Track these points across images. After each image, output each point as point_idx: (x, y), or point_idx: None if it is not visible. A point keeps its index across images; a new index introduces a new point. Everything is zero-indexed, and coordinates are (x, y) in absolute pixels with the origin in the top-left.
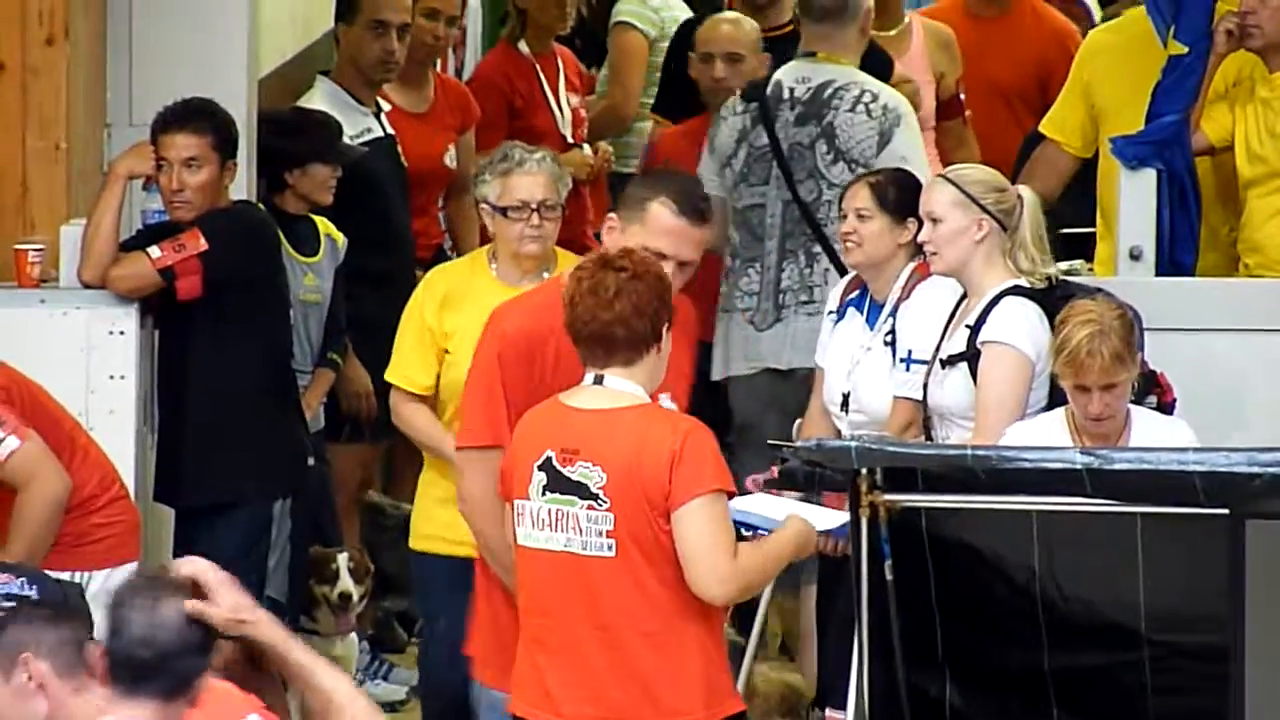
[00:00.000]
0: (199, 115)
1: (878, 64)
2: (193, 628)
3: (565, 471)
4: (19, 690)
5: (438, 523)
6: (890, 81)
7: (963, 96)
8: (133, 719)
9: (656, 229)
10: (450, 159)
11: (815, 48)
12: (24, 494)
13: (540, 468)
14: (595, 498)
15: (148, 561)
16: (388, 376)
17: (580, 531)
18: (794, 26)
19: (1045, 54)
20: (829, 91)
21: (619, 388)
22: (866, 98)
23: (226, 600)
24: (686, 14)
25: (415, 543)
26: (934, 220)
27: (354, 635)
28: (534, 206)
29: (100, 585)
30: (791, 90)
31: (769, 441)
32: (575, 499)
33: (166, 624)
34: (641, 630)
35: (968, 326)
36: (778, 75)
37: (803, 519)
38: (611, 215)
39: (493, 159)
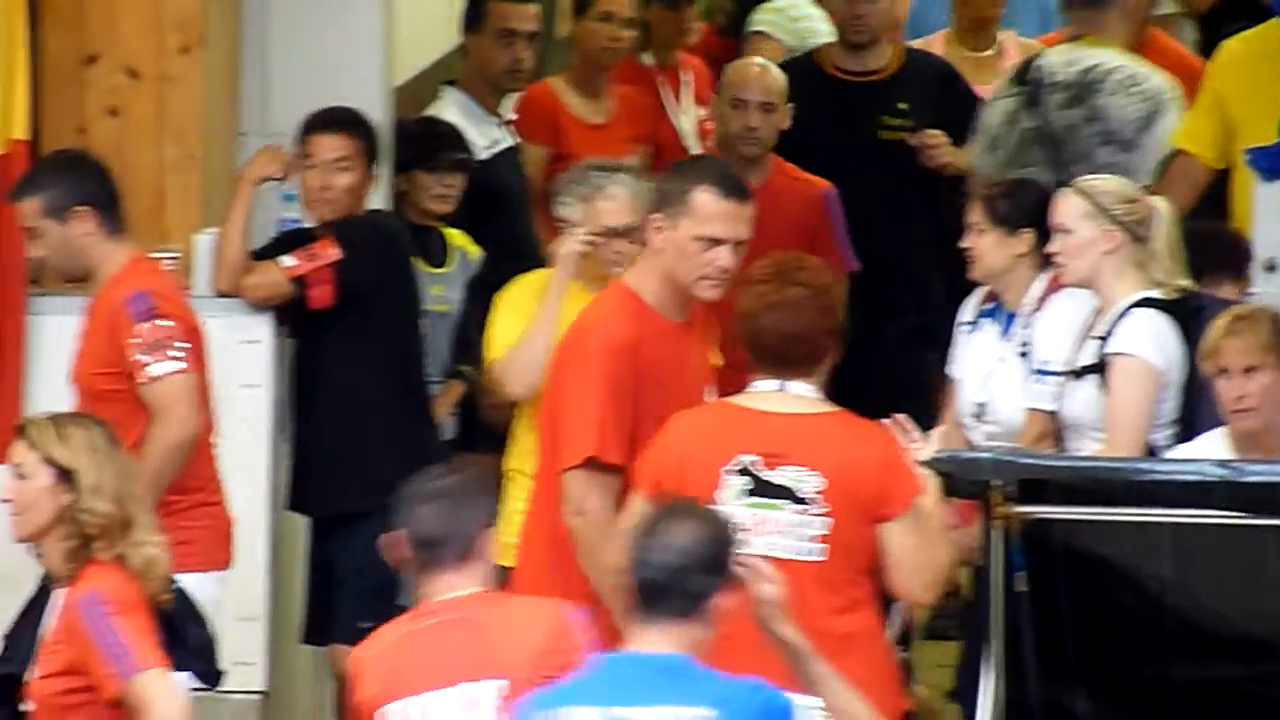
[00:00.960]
0: (350, 120)
1: (953, 95)
2: (703, 548)
3: (769, 476)
4: None
5: None
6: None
7: None
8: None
9: (706, 215)
10: None
11: (1080, 32)
12: (155, 427)
13: (738, 472)
14: (804, 502)
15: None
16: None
17: (784, 535)
18: (889, 74)
19: None
20: (1096, 74)
21: (803, 393)
22: (1134, 80)
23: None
24: (823, 24)
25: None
26: (1064, 232)
27: None
28: (619, 232)
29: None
30: (1059, 73)
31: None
32: (783, 503)
33: (676, 544)
34: (841, 633)
35: (1098, 338)
36: (1045, 59)
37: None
38: (655, 216)
39: (571, 180)
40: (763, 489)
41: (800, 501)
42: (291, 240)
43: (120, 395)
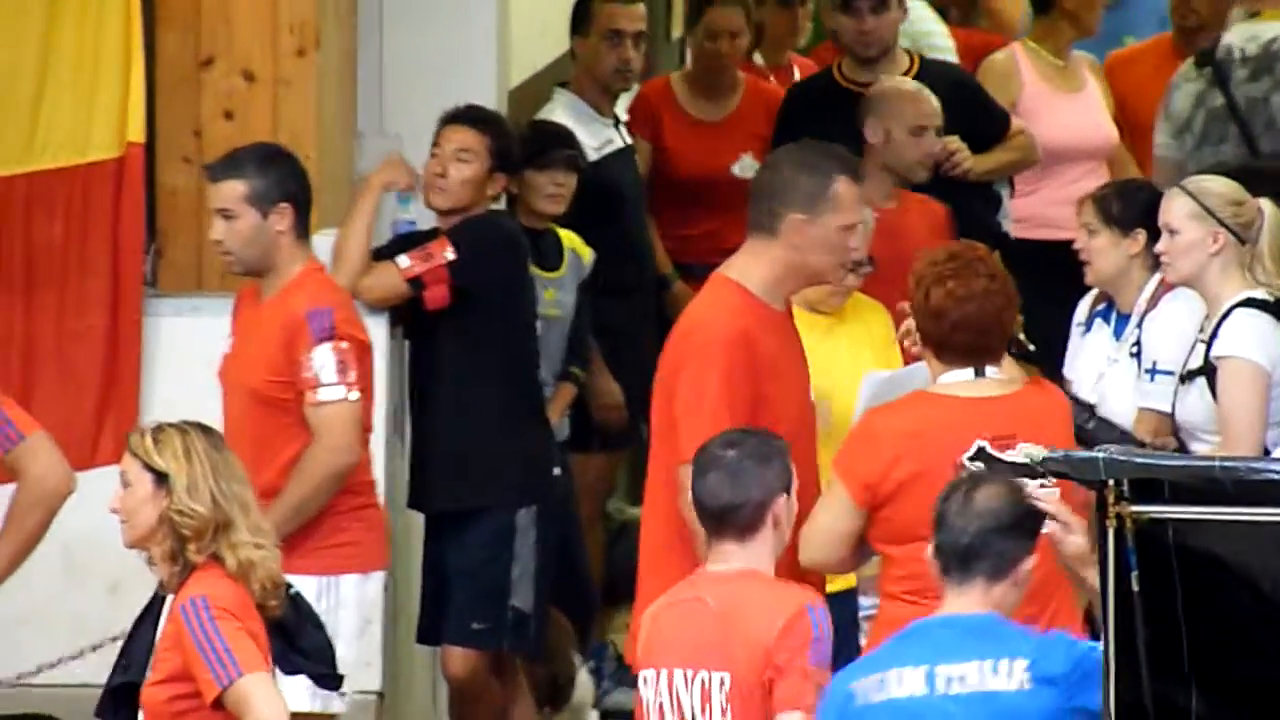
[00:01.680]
0: (484, 119)
1: (970, 103)
2: (1010, 511)
3: (1005, 456)
4: None
5: None
6: (1007, 131)
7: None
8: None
9: (850, 204)
10: (742, 168)
11: (1258, 7)
12: (315, 449)
13: (973, 458)
14: (1044, 475)
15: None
16: None
17: None
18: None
19: None
20: (1278, 45)
21: (998, 375)
22: None
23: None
24: (940, 29)
25: None
26: (1171, 231)
27: None
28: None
29: (351, 593)
30: (1242, 49)
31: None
32: (1025, 480)
33: (983, 508)
34: (1065, 598)
35: (1203, 342)
36: (1227, 38)
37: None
38: (796, 215)
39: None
40: (1003, 470)
41: (1040, 476)
42: (408, 242)
43: (289, 406)
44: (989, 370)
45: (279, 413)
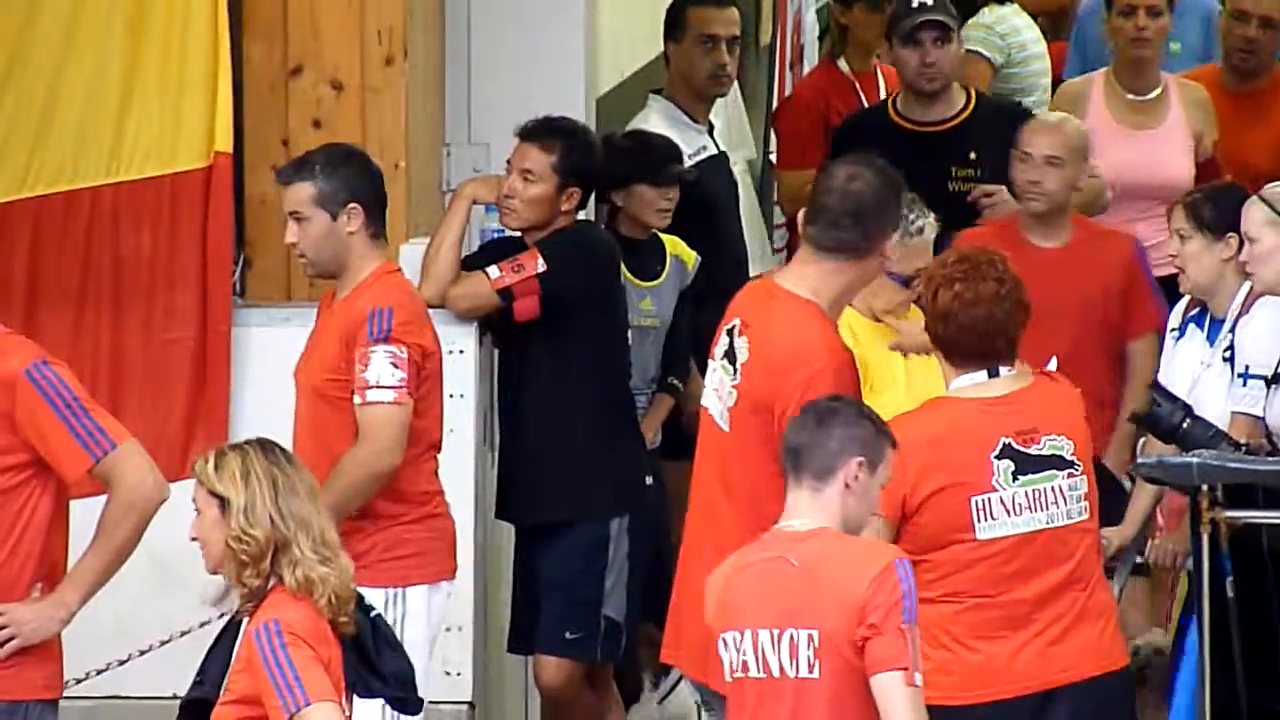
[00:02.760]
0: (552, 134)
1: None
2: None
3: (1032, 451)
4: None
5: None
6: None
7: (1217, 159)
8: None
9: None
10: None
11: None
12: (357, 449)
13: (1001, 456)
14: (1071, 465)
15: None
16: None
17: (1063, 503)
18: (959, 122)
19: None
20: None
21: (1008, 374)
22: None
23: None
24: (1033, 35)
25: None
26: (1250, 240)
27: None
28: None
29: (420, 604)
30: None
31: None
32: (1053, 473)
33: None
34: (1099, 577)
35: None
36: None
37: None
38: (892, 239)
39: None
40: (1031, 465)
41: (1068, 465)
42: (497, 250)
43: (346, 405)
44: (1002, 370)
45: (338, 411)
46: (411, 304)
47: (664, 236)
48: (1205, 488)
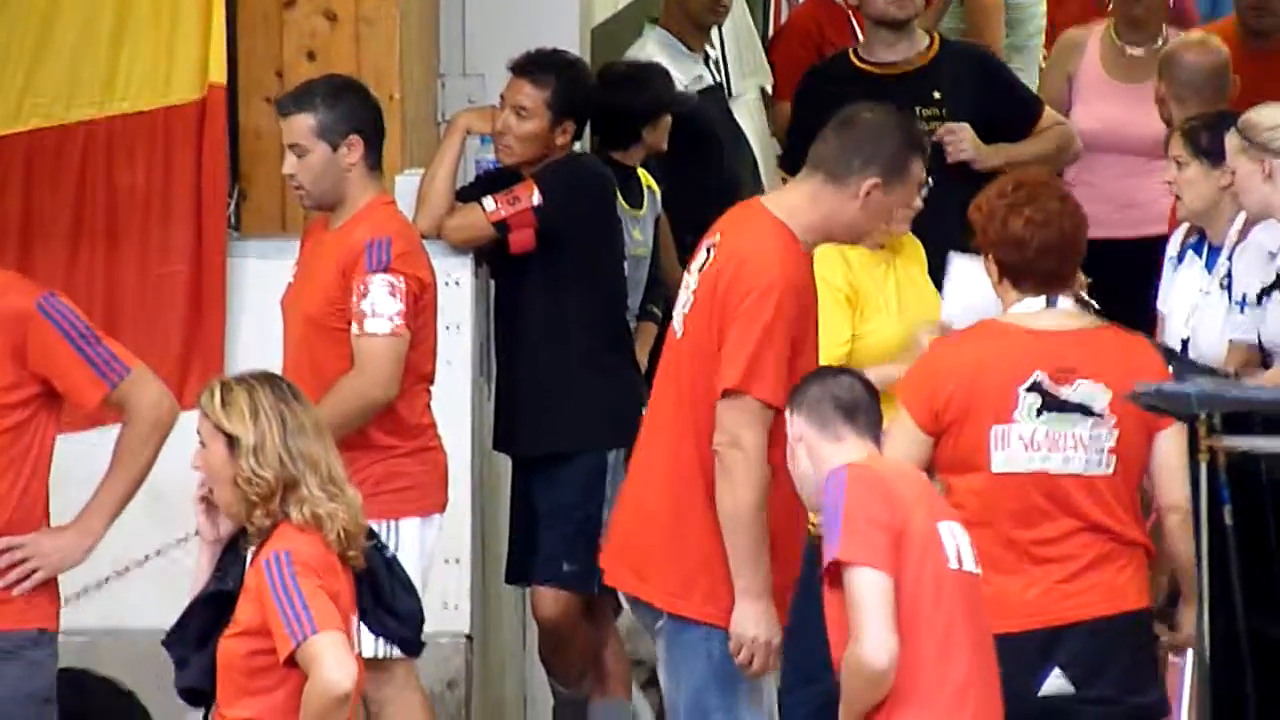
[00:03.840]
0: (545, 69)
1: (992, 83)
2: None
3: (1062, 392)
4: None
5: None
6: (1040, 122)
7: None
8: None
9: (914, 186)
10: None
11: None
12: (354, 379)
13: (1030, 390)
14: (1099, 415)
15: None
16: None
17: (1082, 450)
18: (923, 64)
19: None
20: None
21: (1068, 308)
22: None
23: None
24: None
25: None
26: (1231, 170)
27: None
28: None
29: (412, 536)
30: None
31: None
32: (1078, 417)
33: None
34: (1129, 539)
35: (1271, 254)
36: None
37: None
38: (873, 179)
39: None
40: (1057, 405)
41: (1095, 415)
42: (493, 181)
43: (342, 335)
44: (1060, 300)
45: (334, 341)
46: (409, 235)
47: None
48: (1203, 416)
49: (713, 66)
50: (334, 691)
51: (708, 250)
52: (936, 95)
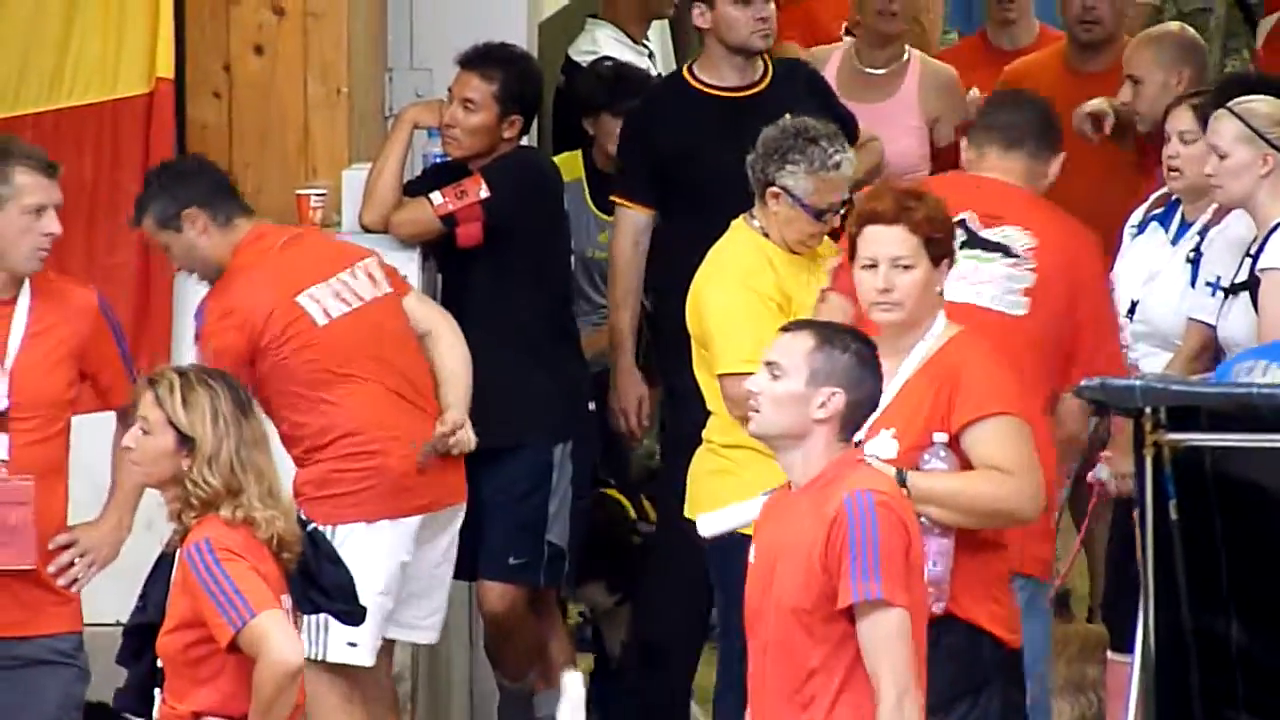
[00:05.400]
0: (493, 62)
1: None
2: None
3: (985, 233)
4: None
5: None
6: (857, 140)
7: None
8: None
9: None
10: None
11: None
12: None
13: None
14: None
15: None
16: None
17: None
18: (765, 86)
19: None
20: None
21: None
22: None
23: None
24: None
25: None
26: (1220, 155)
27: None
28: (839, 207)
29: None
30: None
31: None
32: (996, 256)
33: None
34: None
35: (1249, 255)
36: None
37: None
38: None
39: (793, 148)
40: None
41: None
42: (441, 175)
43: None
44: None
45: None
46: (236, 289)
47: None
48: (1149, 410)
49: (656, 59)
50: (285, 668)
51: (995, 231)
52: (789, 116)
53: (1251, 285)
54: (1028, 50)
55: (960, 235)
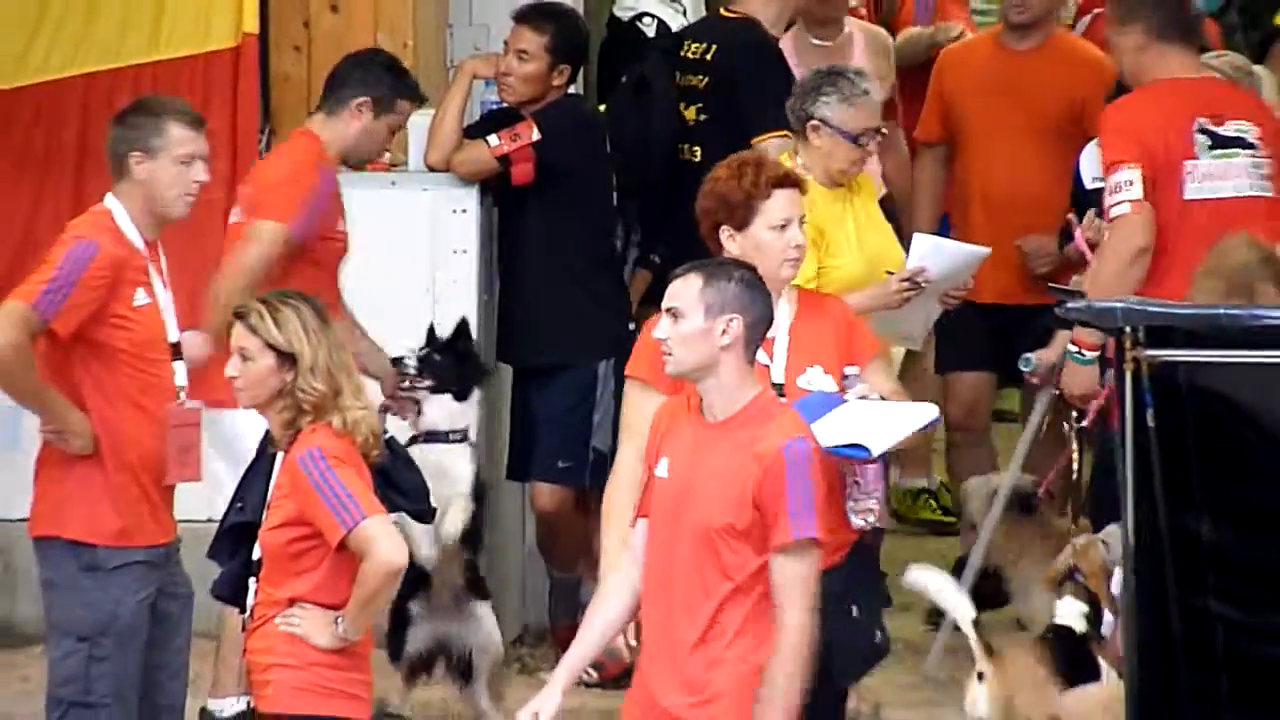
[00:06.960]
0: (545, 17)
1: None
2: None
3: (1221, 130)
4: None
5: None
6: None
7: (895, 100)
8: None
9: None
10: None
11: None
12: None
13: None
14: (1254, 147)
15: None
16: None
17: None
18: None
19: (1081, 87)
20: None
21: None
22: None
23: None
24: None
25: None
26: None
27: None
28: (874, 134)
29: None
30: None
31: (1050, 285)
32: (1239, 150)
33: None
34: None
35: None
36: None
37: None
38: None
39: (825, 82)
40: (1221, 141)
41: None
42: (497, 119)
43: None
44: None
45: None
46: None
47: None
48: (1129, 330)
49: (686, 17)
50: (390, 567)
51: (1228, 126)
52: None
53: None
54: (1043, 47)
55: (1204, 140)
